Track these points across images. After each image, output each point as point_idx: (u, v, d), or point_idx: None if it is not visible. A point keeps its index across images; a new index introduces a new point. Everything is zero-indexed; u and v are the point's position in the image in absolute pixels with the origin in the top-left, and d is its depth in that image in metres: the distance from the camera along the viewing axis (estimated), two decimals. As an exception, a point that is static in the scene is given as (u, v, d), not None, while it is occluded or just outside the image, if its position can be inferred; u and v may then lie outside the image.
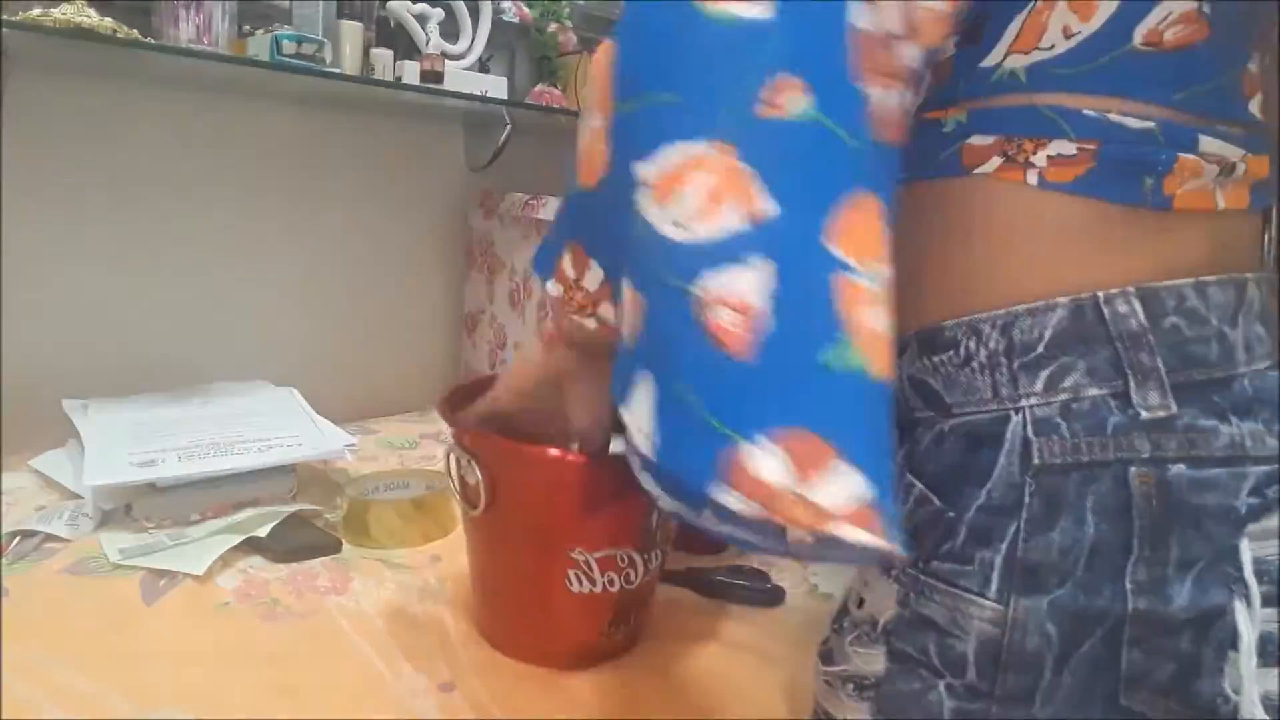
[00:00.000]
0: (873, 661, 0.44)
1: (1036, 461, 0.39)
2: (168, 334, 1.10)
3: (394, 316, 1.31)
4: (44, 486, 0.87)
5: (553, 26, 1.30)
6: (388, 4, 1.12)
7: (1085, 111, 0.38)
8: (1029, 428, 0.39)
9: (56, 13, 0.82)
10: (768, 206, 0.33)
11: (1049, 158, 0.39)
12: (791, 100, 0.33)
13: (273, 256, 1.18)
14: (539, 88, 1.26)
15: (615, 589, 0.59)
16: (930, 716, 0.42)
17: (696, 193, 0.34)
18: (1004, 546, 0.39)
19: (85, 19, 0.83)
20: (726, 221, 0.33)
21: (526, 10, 1.29)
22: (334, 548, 0.78)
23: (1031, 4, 0.38)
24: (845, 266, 0.33)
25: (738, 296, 0.32)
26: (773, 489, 0.31)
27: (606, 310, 0.44)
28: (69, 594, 0.67)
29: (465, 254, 1.35)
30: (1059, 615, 0.38)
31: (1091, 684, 0.38)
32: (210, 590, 0.69)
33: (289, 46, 0.95)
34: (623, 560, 0.58)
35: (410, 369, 1.32)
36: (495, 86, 1.19)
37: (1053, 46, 0.38)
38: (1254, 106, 0.41)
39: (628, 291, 0.38)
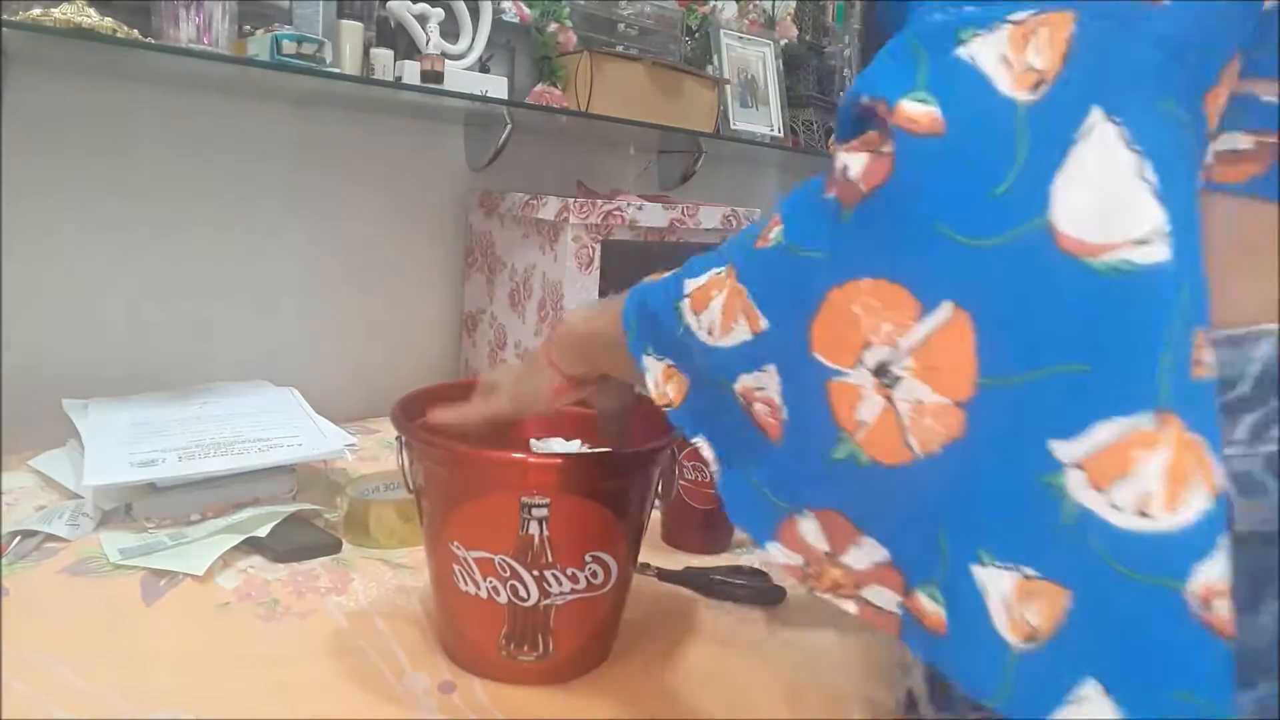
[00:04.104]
0: None
1: (1239, 528, 0.32)
2: (168, 334, 1.10)
3: (394, 316, 1.31)
4: (44, 486, 0.87)
5: (553, 26, 1.30)
6: (388, 4, 1.12)
7: (1264, 98, 0.33)
8: (1230, 484, 0.33)
9: (56, 13, 0.82)
10: (762, 323, 0.36)
11: (1217, 154, 0.34)
12: (774, 232, 0.36)
13: (273, 256, 1.18)
14: (539, 88, 1.26)
15: (502, 600, 0.57)
16: None
17: (716, 308, 0.37)
18: None
19: (85, 19, 0.83)
20: (738, 334, 0.37)
21: (526, 10, 1.29)
22: (334, 548, 0.78)
23: None
24: (835, 371, 0.34)
25: (765, 393, 0.37)
26: (816, 553, 0.35)
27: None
28: (69, 594, 0.67)
29: (465, 254, 1.35)
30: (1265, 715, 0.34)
31: None
32: (210, 590, 0.69)
33: (289, 46, 0.95)
34: (503, 568, 0.57)
35: (410, 369, 1.32)
36: (495, 86, 1.19)
37: None
38: None
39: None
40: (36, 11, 0.82)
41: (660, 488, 0.64)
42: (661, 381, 0.41)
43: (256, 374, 1.06)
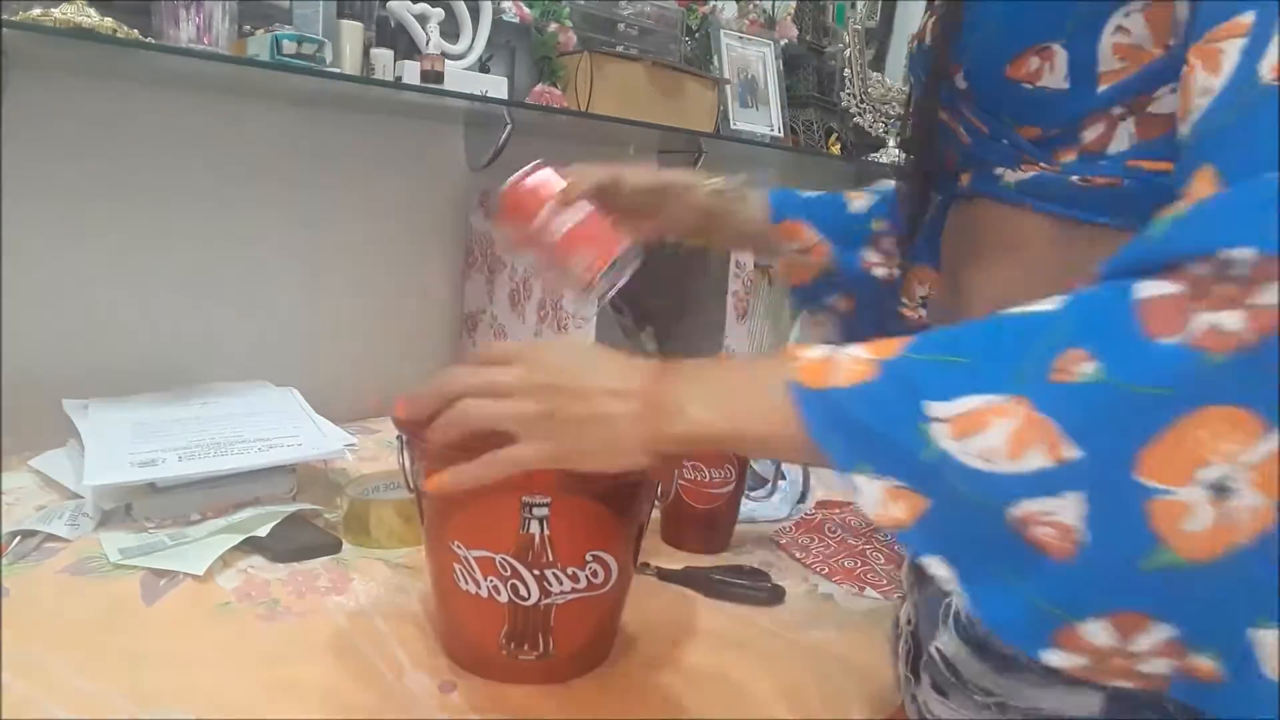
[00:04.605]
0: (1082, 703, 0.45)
1: None
2: (168, 334, 1.10)
3: (394, 316, 1.31)
4: (44, 486, 0.87)
5: (553, 26, 1.29)
6: (388, 4, 1.12)
7: None
8: None
9: (56, 13, 0.82)
10: (1071, 452, 0.37)
11: None
12: (1082, 368, 0.37)
13: (273, 256, 1.18)
14: (539, 88, 1.26)
15: (503, 599, 0.57)
16: None
17: (999, 435, 0.38)
18: None
19: (85, 19, 0.83)
20: (1032, 461, 0.38)
21: (526, 10, 1.29)
22: (334, 548, 0.78)
23: None
24: (1161, 491, 0.36)
25: (1055, 518, 0.37)
26: (1102, 650, 0.37)
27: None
28: (69, 594, 0.67)
29: (465, 254, 1.35)
30: None
31: None
32: (210, 590, 0.69)
33: (289, 46, 0.95)
34: (504, 567, 0.57)
35: (410, 369, 1.32)
36: (495, 86, 1.19)
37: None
38: None
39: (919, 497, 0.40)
40: (36, 11, 0.82)
41: (660, 488, 0.64)
42: (886, 501, 0.40)
43: (256, 374, 1.06)
